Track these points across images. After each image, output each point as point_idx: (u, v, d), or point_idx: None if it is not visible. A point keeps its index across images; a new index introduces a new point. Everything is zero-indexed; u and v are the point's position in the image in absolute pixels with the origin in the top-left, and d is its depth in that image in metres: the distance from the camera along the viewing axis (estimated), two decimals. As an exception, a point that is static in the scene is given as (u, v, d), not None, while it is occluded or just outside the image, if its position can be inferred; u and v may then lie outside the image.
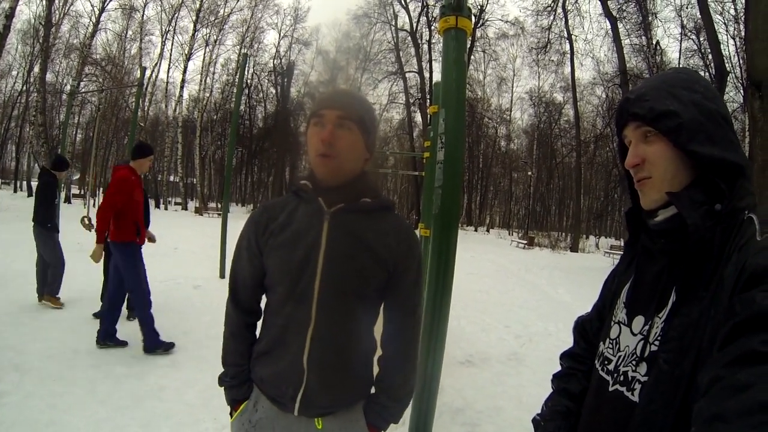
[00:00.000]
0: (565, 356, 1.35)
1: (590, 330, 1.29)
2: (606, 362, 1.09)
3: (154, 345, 4.92)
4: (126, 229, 4.85)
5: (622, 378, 1.01)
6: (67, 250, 6.62)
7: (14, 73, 35.93)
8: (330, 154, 1.39)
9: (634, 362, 0.99)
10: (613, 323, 1.12)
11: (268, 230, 1.47)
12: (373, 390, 1.58)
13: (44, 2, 28.11)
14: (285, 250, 1.43)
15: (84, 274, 6.77)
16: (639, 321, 1.03)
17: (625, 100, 1.05)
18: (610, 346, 1.10)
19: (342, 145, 1.40)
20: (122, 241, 4.84)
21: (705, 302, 0.86)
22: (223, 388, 1.59)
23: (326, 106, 1.42)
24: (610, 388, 1.04)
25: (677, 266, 0.97)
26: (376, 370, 1.60)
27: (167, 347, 4.95)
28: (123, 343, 4.96)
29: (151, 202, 37.17)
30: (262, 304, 1.58)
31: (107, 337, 4.92)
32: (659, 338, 0.94)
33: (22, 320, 5.46)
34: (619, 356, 1.05)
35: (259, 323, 1.59)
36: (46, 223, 6.33)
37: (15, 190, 41.04)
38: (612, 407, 1.03)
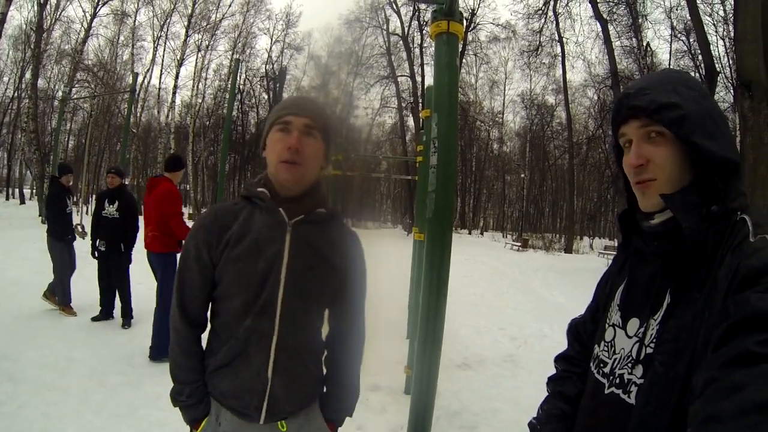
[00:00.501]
0: (559, 359, 1.35)
1: (584, 332, 1.29)
2: (601, 365, 1.09)
3: (165, 354, 4.89)
4: (170, 239, 4.99)
5: (618, 381, 1.01)
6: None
7: (5, 79, 35.73)
8: (297, 161, 1.40)
9: (629, 365, 0.99)
10: (607, 326, 1.12)
11: (222, 241, 1.43)
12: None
13: (35, 8, 27.97)
14: (244, 261, 1.41)
15: (79, 282, 6.72)
16: (634, 323, 1.02)
17: (625, 95, 1.03)
18: (606, 348, 1.10)
19: (308, 152, 1.42)
20: (166, 252, 5.00)
21: (699, 304, 0.86)
22: (178, 408, 1.54)
23: (293, 112, 1.42)
24: (606, 391, 1.04)
25: (671, 268, 0.97)
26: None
27: None
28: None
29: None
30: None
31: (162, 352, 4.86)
32: (654, 340, 0.94)
33: (15, 329, 5.43)
34: (615, 359, 1.05)
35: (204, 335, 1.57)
36: (62, 236, 6.42)
37: (7, 198, 40.85)
38: (608, 410, 1.02)
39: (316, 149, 1.45)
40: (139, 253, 6.27)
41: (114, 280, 6.17)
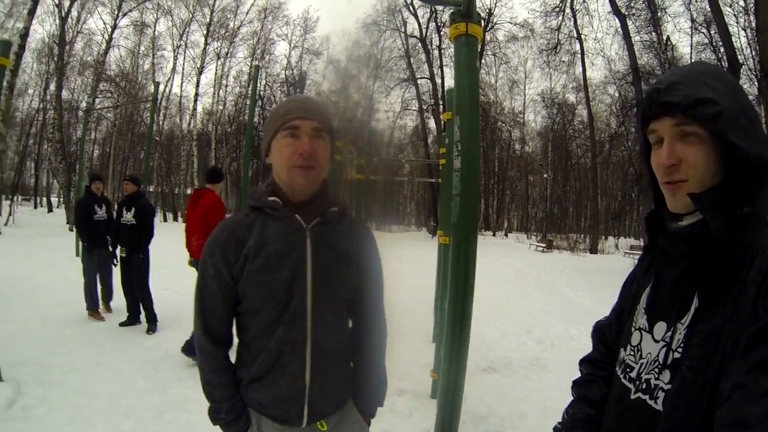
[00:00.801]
0: (584, 362, 1.33)
1: (609, 335, 1.27)
2: (628, 369, 1.07)
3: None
4: None
5: (644, 386, 0.99)
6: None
7: (31, 91, 36.47)
8: (312, 165, 1.37)
9: (656, 370, 0.97)
10: (633, 329, 1.10)
11: (240, 256, 1.40)
12: None
13: (57, 21, 28.61)
14: (265, 273, 1.39)
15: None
16: (661, 327, 1.00)
17: (655, 90, 0.97)
18: (632, 353, 1.07)
19: (320, 156, 1.40)
20: None
21: (728, 308, 0.84)
22: (219, 425, 1.53)
23: (300, 116, 1.38)
24: (632, 396, 1.02)
25: (698, 270, 0.94)
26: None
27: None
28: None
29: (169, 216, 37.60)
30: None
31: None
32: (682, 345, 0.92)
33: (44, 334, 5.55)
34: (642, 363, 1.03)
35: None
36: (83, 243, 6.78)
37: (35, 206, 41.98)
38: (634, 415, 1.01)
39: (327, 152, 1.44)
40: (162, 258, 6.34)
41: (135, 286, 6.25)
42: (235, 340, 1.57)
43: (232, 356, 1.56)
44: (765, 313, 0.75)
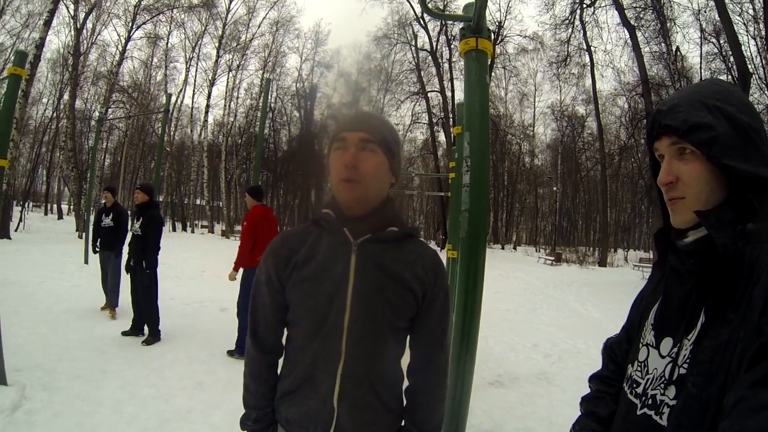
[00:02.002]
0: (593, 379, 1.33)
1: (619, 352, 1.27)
2: (634, 385, 1.07)
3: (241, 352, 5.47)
4: None
5: (650, 401, 0.99)
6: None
7: (45, 100, 36.82)
8: (354, 178, 1.33)
9: (662, 385, 0.97)
10: (641, 345, 1.10)
11: (290, 264, 1.39)
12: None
13: (72, 32, 28.98)
14: (310, 284, 1.36)
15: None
16: (667, 343, 1.01)
17: (657, 111, 1.02)
18: (639, 368, 1.08)
19: (366, 168, 1.34)
20: None
21: (734, 324, 0.84)
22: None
23: (348, 128, 1.36)
24: (638, 412, 1.02)
25: (706, 287, 0.95)
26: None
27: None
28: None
29: (178, 226, 37.76)
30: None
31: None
32: (688, 361, 0.92)
33: (51, 340, 5.56)
34: (648, 379, 1.03)
35: (280, 361, 1.52)
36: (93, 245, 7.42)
37: (45, 213, 42.54)
38: (640, 431, 1.01)
39: (376, 163, 1.37)
40: (170, 268, 6.36)
41: (140, 299, 6.21)
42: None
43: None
44: None
